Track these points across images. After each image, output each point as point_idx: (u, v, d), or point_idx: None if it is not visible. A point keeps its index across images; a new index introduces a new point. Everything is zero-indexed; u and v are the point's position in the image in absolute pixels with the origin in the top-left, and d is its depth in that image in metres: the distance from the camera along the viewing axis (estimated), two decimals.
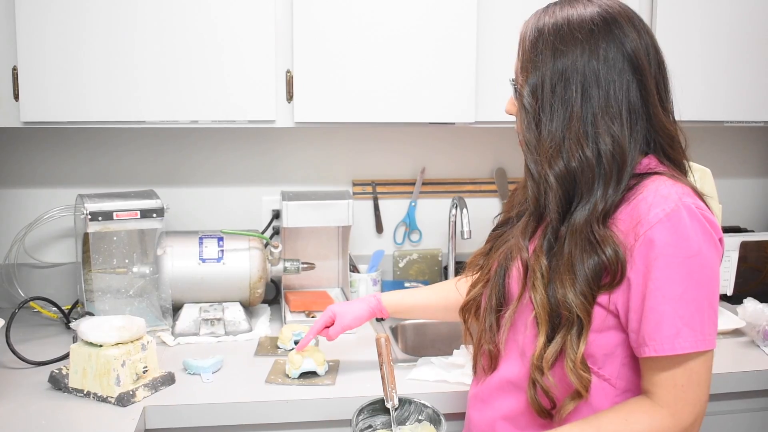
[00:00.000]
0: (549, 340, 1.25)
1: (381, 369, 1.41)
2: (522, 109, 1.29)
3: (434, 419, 1.38)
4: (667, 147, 1.31)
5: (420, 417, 1.39)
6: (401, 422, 1.36)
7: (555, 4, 1.32)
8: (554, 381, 1.26)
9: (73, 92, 2.00)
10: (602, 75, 1.25)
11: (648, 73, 1.29)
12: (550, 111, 1.26)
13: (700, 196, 1.27)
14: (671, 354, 1.20)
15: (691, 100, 2.29)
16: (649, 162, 1.30)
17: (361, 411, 1.35)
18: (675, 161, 1.33)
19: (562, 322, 1.24)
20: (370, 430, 1.33)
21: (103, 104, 2.02)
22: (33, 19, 1.95)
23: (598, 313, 1.25)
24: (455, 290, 1.64)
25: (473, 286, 1.49)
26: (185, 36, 2.03)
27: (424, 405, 1.39)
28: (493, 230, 1.51)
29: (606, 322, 1.25)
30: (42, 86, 1.98)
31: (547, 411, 1.29)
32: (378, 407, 1.39)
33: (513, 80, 1.35)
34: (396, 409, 1.37)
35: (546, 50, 1.26)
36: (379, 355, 1.44)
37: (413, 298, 1.84)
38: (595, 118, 1.24)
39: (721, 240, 1.25)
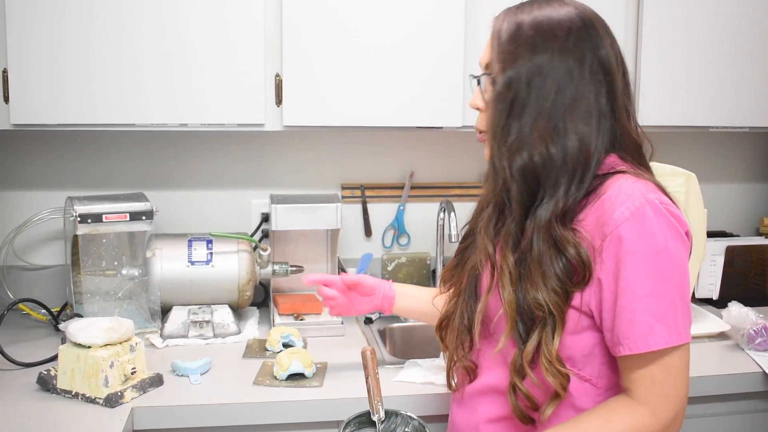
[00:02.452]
0: (523, 340, 1.25)
1: (367, 382, 1.41)
2: (494, 100, 1.29)
3: (420, 431, 1.38)
4: (633, 153, 1.33)
5: (406, 429, 1.39)
6: None
7: (531, 2, 1.33)
8: (537, 380, 1.26)
9: (63, 95, 2.01)
10: (576, 75, 1.26)
11: (616, 79, 1.30)
12: (522, 104, 1.26)
13: (663, 190, 1.28)
14: (646, 351, 1.21)
15: (676, 105, 2.33)
16: (613, 161, 1.30)
17: (347, 424, 1.35)
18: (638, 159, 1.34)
19: (536, 322, 1.25)
20: None
21: (92, 107, 2.03)
22: (23, 22, 1.96)
23: (571, 314, 1.25)
24: (432, 306, 1.64)
25: (446, 303, 1.50)
26: (175, 39, 2.04)
27: (410, 417, 1.39)
28: (460, 243, 1.51)
29: (580, 323, 1.26)
30: (32, 89, 1.99)
31: (528, 417, 1.30)
32: (364, 420, 1.39)
33: (486, 72, 1.33)
34: (382, 422, 1.37)
35: (525, 45, 1.27)
36: (365, 367, 1.45)
37: (419, 302, 1.82)
38: (565, 115, 1.25)
39: (687, 233, 1.26)
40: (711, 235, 2.47)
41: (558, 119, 1.25)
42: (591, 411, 1.28)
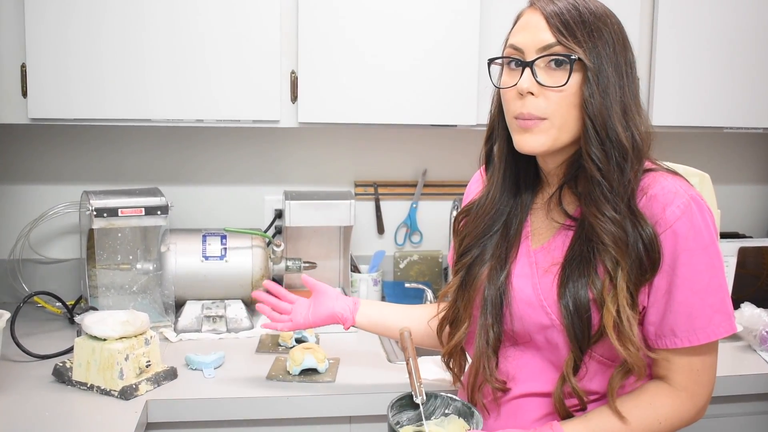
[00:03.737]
0: (580, 331, 1.25)
1: (408, 363, 1.37)
2: (581, 84, 1.24)
3: (464, 412, 1.34)
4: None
5: (447, 411, 1.36)
6: (427, 417, 1.35)
7: None
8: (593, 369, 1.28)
9: (80, 90, 2.02)
10: (634, 66, 1.30)
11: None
12: (605, 88, 1.24)
13: (692, 186, 1.30)
14: (707, 342, 1.25)
15: (690, 106, 2.33)
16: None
17: (391, 408, 1.33)
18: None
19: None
20: (397, 426, 1.31)
21: (109, 102, 2.04)
22: (42, 18, 1.98)
23: None
24: (426, 325, 1.59)
25: (454, 326, 1.43)
26: (192, 36, 2.05)
27: (451, 398, 1.36)
28: (461, 256, 1.43)
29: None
30: (49, 83, 2.01)
31: (569, 412, 1.30)
32: (405, 402, 1.35)
33: (546, 54, 1.24)
34: (424, 404, 1.35)
35: (596, 29, 1.25)
36: (404, 349, 1.41)
37: (387, 316, 1.69)
38: (634, 101, 1.28)
39: (715, 222, 1.30)
40: (724, 236, 2.46)
41: (631, 104, 1.27)
42: (633, 394, 1.30)
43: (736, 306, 2.24)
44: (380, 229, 2.59)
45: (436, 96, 2.18)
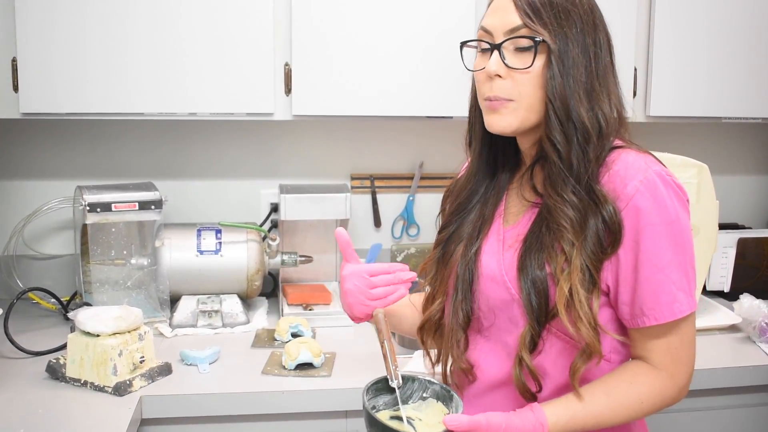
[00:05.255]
0: (538, 310, 1.25)
1: (382, 346, 1.35)
2: (547, 65, 1.25)
3: (443, 396, 1.30)
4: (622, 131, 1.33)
5: (424, 394, 1.34)
6: (404, 401, 1.32)
7: None
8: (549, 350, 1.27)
9: (72, 84, 2.01)
10: (605, 47, 1.29)
11: (614, 59, 1.33)
12: (571, 67, 1.25)
13: (661, 162, 1.29)
14: (672, 320, 1.23)
15: (689, 96, 2.31)
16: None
17: (366, 391, 1.31)
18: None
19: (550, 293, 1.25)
20: (373, 410, 1.29)
21: (102, 96, 2.03)
22: (32, 11, 1.96)
23: None
24: (411, 305, 1.54)
25: (429, 301, 1.44)
26: (184, 28, 2.03)
27: (429, 381, 1.33)
28: (439, 232, 1.45)
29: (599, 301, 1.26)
30: (41, 78, 1.99)
31: (532, 393, 1.29)
32: (381, 386, 1.33)
33: (516, 36, 1.25)
34: (400, 388, 1.33)
35: (563, 11, 1.25)
36: (379, 331, 1.38)
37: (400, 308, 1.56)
38: (603, 80, 1.28)
39: (688, 201, 1.29)
40: (723, 227, 2.45)
41: (598, 85, 1.27)
42: (614, 374, 1.29)
43: (735, 297, 2.24)
44: (377, 222, 2.58)
45: (432, 87, 2.16)
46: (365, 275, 1.41)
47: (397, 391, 1.30)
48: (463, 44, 1.37)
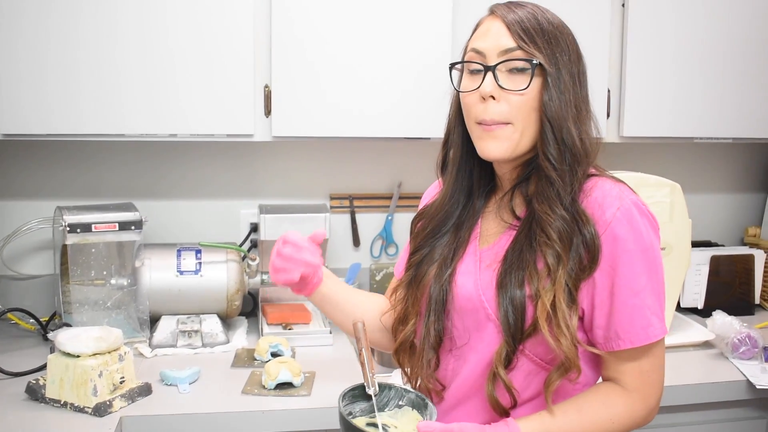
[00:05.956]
0: (513, 324, 1.27)
1: (360, 354, 1.38)
2: (552, 79, 1.28)
3: (418, 404, 1.33)
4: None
5: (400, 402, 1.36)
6: (380, 408, 1.34)
7: (520, 2, 1.34)
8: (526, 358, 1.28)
9: (52, 105, 2.02)
10: (585, 75, 1.34)
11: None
12: (564, 91, 1.28)
13: (634, 191, 1.33)
14: (646, 343, 1.27)
15: (661, 116, 2.36)
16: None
17: (343, 397, 1.33)
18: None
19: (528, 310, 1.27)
20: (350, 417, 1.31)
21: (83, 117, 2.04)
22: (10, 34, 1.97)
23: None
24: (378, 321, 1.55)
25: (401, 323, 1.44)
26: (164, 51, 2.05)
27: (405, 390, 1.35)
28: (411, 255, 1.45)
29: None
30: (20, 99, 2.00)
31: (503, 408, 1.31)
32: (357, 393, 1.35)
33: (510, 58, 1.27)
34: (376, 395, 1.35)
35: (553, 37, 1.29)
36: (358, 340, 1.40)
37: (346, 294, 1.57)
38: (586, 105, 1.33)
39: (658, 228, 1.32)
40: (696, 244, 2.49)
41: (583, 110, 1.31)
42: (586, 394, 1.32)
43: (708, 314, 2.27)
44: (356, 242, 2.60)
45: (410, 109, 2.19)
46: (280, 242, 1.47)
47: (373, 398, 1.32)
48: (452, 66, 1.38)
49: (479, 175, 1.42)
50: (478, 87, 1.29)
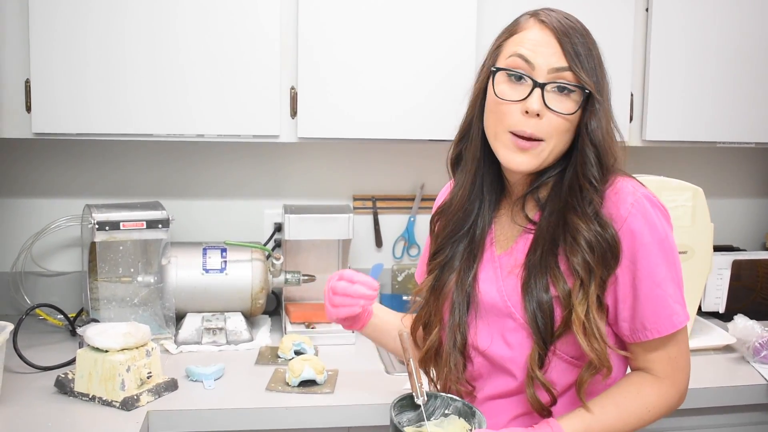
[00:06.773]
0: (544, 328, 1.30)
1: (408, 364, 1.38)
2: (600, 106, 1.30)
3: (464, 412, 1.35)
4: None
5: (446, 411, 1.38)
6: (426, 418, 1.36)
7: (554, 10, 1.34)
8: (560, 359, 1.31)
9: (83, 105, 2.05)
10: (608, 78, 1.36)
11: None
12: (603, 110, 1.31)
13: (644, 185, 1.36)
14: (672, 332, 1.30)
15: (684, 121, 2.36)
16: None
17: (393, 407, 1.35)
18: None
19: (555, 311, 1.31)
20: (400, 426, 1.33)
21: (111, 118, 2.07)
22: (45, 34, 2.00)
23: None
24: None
25: (427, 331, 1.45)
26: (193, 52, 2.08)
27: (451, 398, 1.37)
28: (433, 256, 1.46)
29: None
30: (54, 99, 2.03)
31: (546, 408, 1.33)
32: (405, 403, 1.35)
33: (565, 81, 1.28)
34: (424, 404, 1.37)
35: (596, 57, 1.32)
36: (405, 350, 1.41)
37: (395, 320, 1.61)
38: (612, 116, 1.37)
39: (670, 218, 1.35)
40: (718, 249, 2.49)
41: (614, 125, 1.35)
42: (619, 386, 1.35)
43: (729, 318, 2.27)
44: (378, 243, 2.62)
45: (433, 111, 2.21)
46: (334, 279, 1.48)
47: (422, 407, 1.34)
48: (497, 70, 1.33)
49: (492, 179, 1.43)
50: (523, 99, 1.28)
